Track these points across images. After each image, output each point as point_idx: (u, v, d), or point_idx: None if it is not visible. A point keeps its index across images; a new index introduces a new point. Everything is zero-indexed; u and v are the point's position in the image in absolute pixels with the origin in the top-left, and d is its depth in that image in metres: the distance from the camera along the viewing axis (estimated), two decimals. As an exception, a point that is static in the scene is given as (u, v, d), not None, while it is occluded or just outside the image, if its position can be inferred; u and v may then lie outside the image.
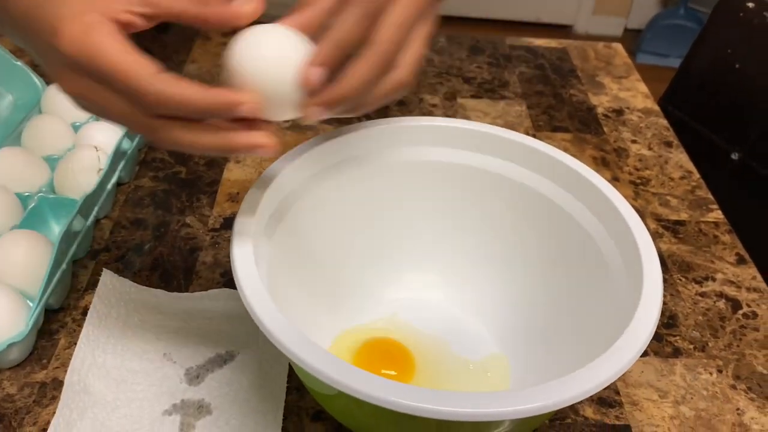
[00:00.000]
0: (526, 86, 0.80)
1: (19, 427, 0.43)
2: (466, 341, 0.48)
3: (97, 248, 0.55)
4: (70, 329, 0.49)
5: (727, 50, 0.82)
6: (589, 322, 0.41)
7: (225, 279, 0.53)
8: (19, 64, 0.64)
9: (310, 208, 0.45)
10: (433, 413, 0.30)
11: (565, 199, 0.44)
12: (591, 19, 2.79)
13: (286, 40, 0.33)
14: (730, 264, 0.59)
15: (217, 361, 0.47)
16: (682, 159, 0.71)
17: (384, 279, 0.51)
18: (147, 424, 0.43)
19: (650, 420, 0.46)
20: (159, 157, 0.65)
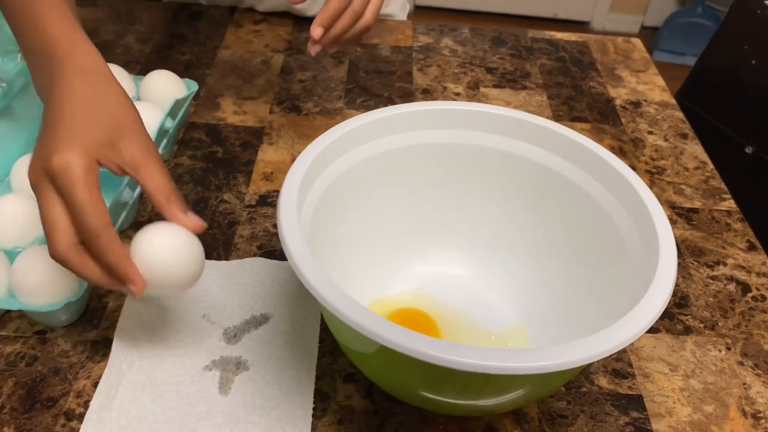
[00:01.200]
0: (547, 77, 0.82)
1: (74, 380, 0.46)
2: (488, 313, 0.51)
3: (141, 220, 0.59)
4: (117, 294, 0.52)
5: (744, 47, 0.84)
6: (605, 295, 0.44)
7: (261, 251, 0.56)
8: (65, 45, 0.67)
9: (346, 186, 0.48)
10: (468, 366, 0.33)
11: (584, 180, 0.47)
12: (608, 16, 2.80)
13: (170, 244, 0.42)
14: (741, 250, 0.61)
15: (253, 323, 0.50)
16: (697, 150, 0.73)
17: (411, 254, 0.54)
18: (189, 377, 0.46)
19: (661, 391, 0.49)
20: (197, 137, 0.68)
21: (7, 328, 0.49)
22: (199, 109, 0.72)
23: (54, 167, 0.39)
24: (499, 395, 0.41)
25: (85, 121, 0.41)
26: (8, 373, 0.46)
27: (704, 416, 0.48)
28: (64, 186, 0.39)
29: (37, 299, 0.47)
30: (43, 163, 0.39)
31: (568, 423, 0.46)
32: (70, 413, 0.44)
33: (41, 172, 0.40)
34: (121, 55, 0.78)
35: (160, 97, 0.65)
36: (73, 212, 0.39)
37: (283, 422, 0.44)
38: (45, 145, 0.40)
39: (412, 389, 0.43)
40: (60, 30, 0.45)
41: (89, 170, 0.40)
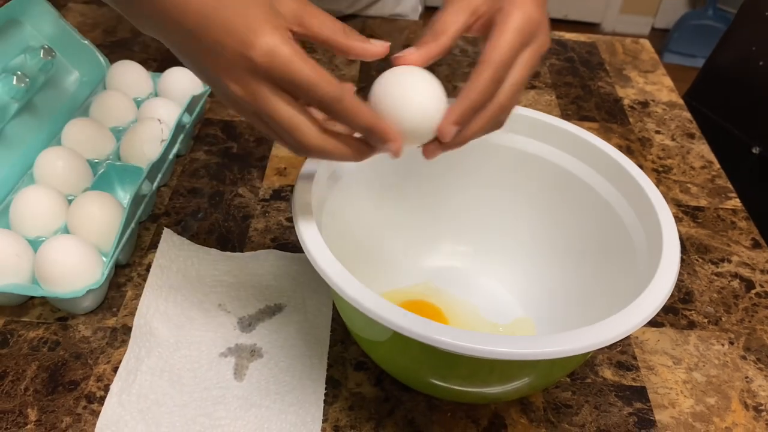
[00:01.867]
0: (556, 77, 0.83)
1: (95, 365, 0.48)
2: (495, 306, 0.53)
3: (158, 212, 0.60)
4: (136, 282, 0.54)
5: (752, 48, 0.85)
6: (611, 288, 0.45)
7: (275, 244, 0.58)
8: (86, 42, 0.69)
9: (357, 181, 0.50)
10: (477, 351, 0.34)
11: (590, 176, 0.49)
12: (618, 17, 2.80)
13: (425, 85, 0.39)
14: (745, 248, 0.62)
15: (267, 312, 0.52)
16: (703, 150, 0.74)
17: (421, 248, 0.55)
18: (205, 363, 0.48)
19: (664, 383, 0.50)
20: (212, 133, 0.70)
21: (30, 315, 0.51)
22: (214, 106, 0.74)
23: (259, 59, 0.33)
24: (505, 383, 0.42)
25: (240, 3, 0.34)
26: (32, 357, 0.48)
27: (706, 408, 0.49)
28: (281, 70, 0.34)
29: (60, 287, 0.49)
30: (240, 66, 0.34)
31: (573, 412, 0.48)
32: (91, 396, 0.46)
33: (246, 77, 0.34)
34: (139, 52, 0.80)
35: (178, 94, 0.67)
36: (302, 92, 0.35)
37: (296, 407, 0.45)
38: (224, 50, 0.34)
39: (421, 376, 0.44)
40: None
41: (290, 43, 0.34)
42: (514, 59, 0.39)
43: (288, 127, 0.36)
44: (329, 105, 0.35)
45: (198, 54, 0.36)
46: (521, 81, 0.40)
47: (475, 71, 0.38)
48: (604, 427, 0.47)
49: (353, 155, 0.38)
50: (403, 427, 0.46)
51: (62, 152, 0.57)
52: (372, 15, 0.92)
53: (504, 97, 0.40)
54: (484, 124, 0.40)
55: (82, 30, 0.71)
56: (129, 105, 0.66)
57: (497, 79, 0.39)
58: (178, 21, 0.35)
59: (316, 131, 0.36)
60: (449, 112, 0.39)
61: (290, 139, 0.37)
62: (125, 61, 0.69)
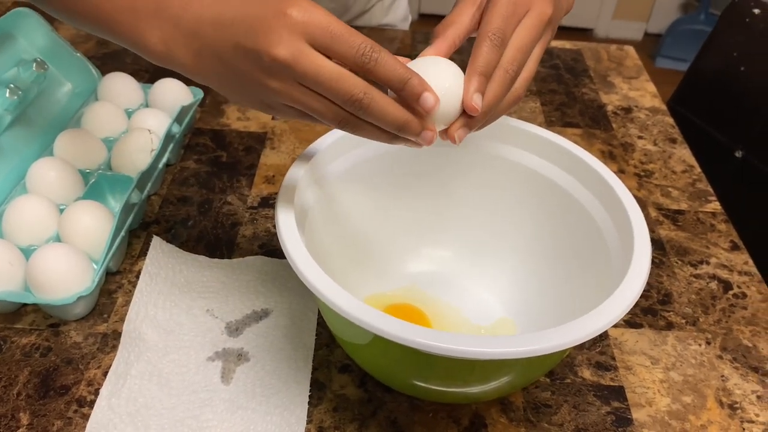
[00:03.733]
0: (541, 85, 0.85)
1: (86, 369, 0.49)
2: (477, 308, 0.54)
3: (148, 221, 0.62)
4: (126, 290, 0.55)
5: (734, 54, 0.87)
6: (586, 289, 0.46)
7: (263, 250, 0.59)
8: (78, 55, 0.70)
9: (342, 187, 0.51)
10: (458, 352, 0.35)
11: (567, 182, 0.50)
12: (611, 23, 2.83)
13: (450, 70, 0.40)
14: (724, 250, 0.64)
15: (254, 317, 0.53)
16: (684, 154, 0.75)
17: (404, 253, 0.57)
18: (193, 367, 0.49)
19: (642, 383, 0.51)
20: (202, 142, 0.71)
21: (23, 321, 0.52)
22: (204, 116, 0.75)
23: (297, 15, 0.35)
24: (484, 382, 0.43)
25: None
26: (24, 363, 0.49)
27: (682, 406, 0.50)
28: (317, 22, 0.35)
29: (51, 294, 0.50)
30: (281, 24, 0.35)
31: (552, 412, 0.49)
32: (81, 400, 0.47)
33: (287, 34, 0.35)
34: (131, 64, 0.82)
35: (168, 104, 0.68)
36: (339, 43, 0.36)
37: (282, 409, 0.47)
38: (266, 12, 0.36)
39: (402, 378, 0.46)
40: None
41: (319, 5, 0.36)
42: (510, 27, 0.41)
43: (334, 76, 0.36)
44: (368, 54, 0.36)
45: (238, 35, 0.37)
46: (524, 45, 0.41)
47: (474, 45, 0.40)
48: (583, 425, 0.48)
49: (394, 118, 0.38)
50: (386, 427, 0.47)
51: (54, 162, 0.59)
52: (361, 25, 0.93)
53: (508, 62, 0.41)
54: (498, 91, 0.41)
55: (75, 42, 0.73)
56: (120, 116, 0.67)
57: (496, 45, 0.40)
58: (220, 11, 0.38)
59: (360, 79, 0.36)
60: (466, 84, 0.40)
61: (336, 92, 0.36)
62: (117, 73, 0.71)
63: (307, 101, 0.37)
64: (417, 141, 0.39)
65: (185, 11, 0.39)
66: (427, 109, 0.38)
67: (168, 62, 0.41)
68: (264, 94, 0.38)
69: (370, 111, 0.37)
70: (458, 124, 0.41)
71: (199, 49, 0.39)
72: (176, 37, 0.39)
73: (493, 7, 0.41)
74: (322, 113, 0.38)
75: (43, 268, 0.50)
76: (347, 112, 0.37)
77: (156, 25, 0.40)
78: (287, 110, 0.39)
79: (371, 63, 0.36)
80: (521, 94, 0.43)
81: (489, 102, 0.40)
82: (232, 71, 0.38)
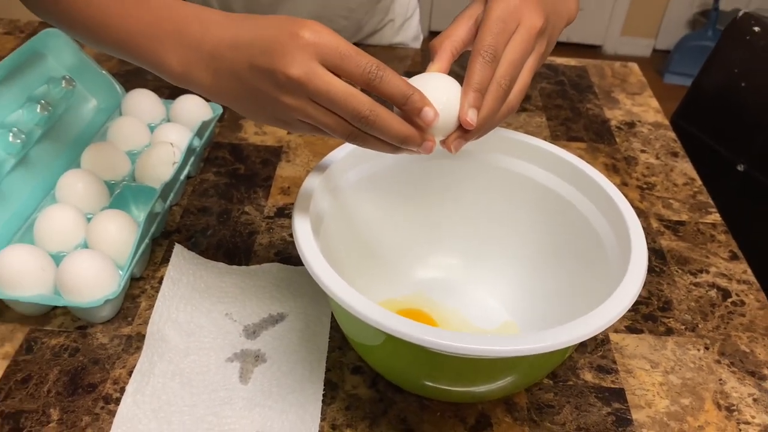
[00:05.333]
0: (547, 100, 0.88)
1: (112, 369, 0.52)
2: (483, 313, 0.56)
3: (170, 230, 0.65)
4: (149, 294, 0.58)
5: (734, 70, 0.89)
6: (586, 292, 0.49)
7: (278, 257, 0.62)
8: (103, 72, 0.74)
9: (354, 198, 0.54)
10: (465, 350, 0.38)
11: (568, 191, 0.53)
12: (620, 39, 2.86)
13: (449, 86, 0.43)
14: (723, 259, 0.66)
15: (270, 321, 0.56)
16: (686, 167, 0.78)
17: (413, 260, 0.59)
18: (213, 367, 0.52)
19: (641, 385, 0.53)
20: (221, 156, 0.75)
21: (53, 324, 0.55)
22: (223, 130, 0.78)
23: (309, 36, 0.38)
24: (489, 381, 0.46)
25: (263, 16, 0.41)
26: (54, 363, 0.52)
27: (681, 408, 0.52)
28: (327, 43, 0.39)
29: (80, 297, 0.53)
30: (294, 45, 0.38)
31: (555, 412, 0.51)
32: (108, 397, 0.50)
33: (300, 55, 0.38)
34: (153, 81, 0.85)
35: (188, 119, 0.71)
36: (347, 62, 0.39)
37: (297, 407, 0.49)
38: (280, 36, 0.39)
39: (412, 377, 0.48)
40: None
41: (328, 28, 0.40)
42: (501, 43, 0.44)
43: (344, 94, 0.39)
44: (374, 72, 0.39)
45: (254, 55, 0.40)
46: (516, 59, 0.44)
47: (468, 62, 0.44)
48: (584, 425, 0.50)
49: (397, 132, 0.41)
50: (396, 425, 0.49)
51: (82, 174, 0.62)
52: (373, 44, 0.96)
53: (501, 76, 0.43)
54: (492, 105, 0.43)
55: (99, 60, 0.77)
56: (143, 130, 0.70)
57: (488, 60, 0.43)
58: (237, 34, 0.41)
59: (368, 97, 0.40)
60: (462, 100, 0.43)
61: (345, 109, 0.39)
62: (140, 89, 0.74)
63: (318, 117, 0.40)
64: (418, 151, 0.43)
65: (204, 35, 0.42)
66: (427, 123, 0.41)
67: (187, 83, 0.44)
68: (279, 111, 0.41)
69: (376, 126, 0.40)
70: (455, 136, 0.44)
71: (217, 70, 0.42)
72: (195, 60, 0.43)
73: (484, 24, 0.44)
74: (333, 128, 0.41)
75: (72, 273, 0.53)
76: (355, 127, 0.41)
77: (175, 49, 0.43)
78: (301, 125, 0.42)
79: (376, 81, 0.39)
80: (515, 105, 0.46)
81: (484, 115, 0.43)
82: (248, 90, 0.41)
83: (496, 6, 0.44)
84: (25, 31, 0.95)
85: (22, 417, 0.48)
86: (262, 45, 0.40)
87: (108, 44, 0.46)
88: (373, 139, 0.42)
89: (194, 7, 0.44)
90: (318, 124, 0.41)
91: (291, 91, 0.40)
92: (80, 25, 0.47)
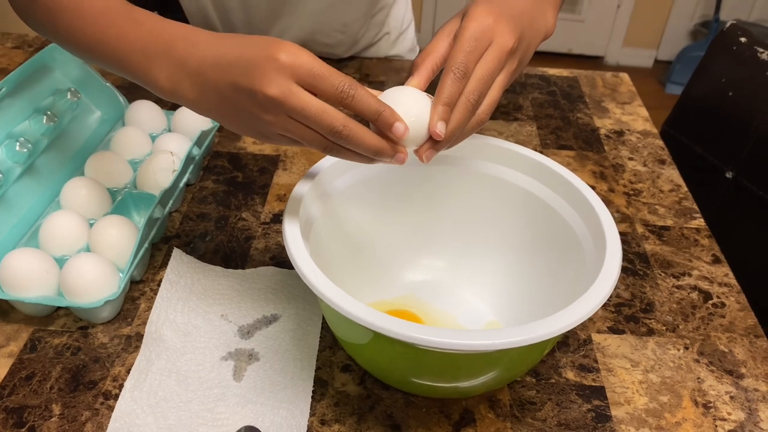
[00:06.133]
0: (538, 110, 0.90)
1: (111, 367, 0.54)
2: (469, 313, 0.58)
3: (169, 235, 0.67)
4: (149, 296, 0.60)
5: (722, 79, 0.92)
6: (565, 291, 0.51)
7: (273, 261, 0.64)
8: (107, 85, 0.77)
9: (344, 203, 0.56)
10: (446, 345, 0.40)
11: (548, 195, 0.55)
12: (622, 50, 2.88)
13: (420, 100, 0.46)
14: (706, 263, 0.68)
15: (264, 321, 0.58)
16: (673, 174, 0.80)
17: (401, 263, 0.61)
18: (208, 366, 0.54)
19: (622, 383, 0.55)
20: (220, 164, 0.77)
21: (56, 324, 0.58)
22: (222, 140, 0.81)
23: (285, 58, 0.41)
24: (472, 377, 0.48)
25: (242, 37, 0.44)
26: (56, 361, 0.54)
27: (659, 405, 0.54)
28: (302, 63, 0.41)
29: (82, 298, 0.55)
30: (271, 67, 0.41)
31: (537, 408, 0.53)
32: (107, 393, 0.52)
33: (277, 76, 0.41)
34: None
35: (188, 129, 0.74)
36: (322, 81, 0.42)
37: (287, 403, 0.51)
38: (257, 58, 0.42)
39: (398, 374, 0.50)
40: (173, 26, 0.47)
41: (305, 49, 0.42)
42: (472, 61, 0.46)
43: (318, 111, 0.42)
44: (346, 91, 0.42)
45: (235, 75, 0.43)
46: (485, 76, 0.46)
47: (440, 77, 0.46)
48: (564, 421, 0.52)
49: (369, 146, 0.43)
50: (382, 421, 0.51)
51: (85, 182, 0.65)
52: (369, 56, 0.99)
53: (470, 92, 0.46)
54: (460, 118, 0.46)
55: (104, 73, 0.80)
56: (145, 139, 0.73)
57: (458, 77, 0.45)
58: (220, 53, 0.44)
59: (341, 114, 0.42)
60: (432, 113, 0.45)
61: (320, 125, 0.42)
62: (142, 101, 0.77)
63: (296, 131, 0.43)
64: (391, 161, 0.45)
65: (189, 54, 0.45)
66: (398, 137, 0.44)
67: (174, 97, 0.47)
68: (259, 126, 0.44)
69: (349, 140, 0.43)
70: (426, 146, 0.46)
71: (202, 87, 0.45)
72: (182, 76, 0.46)
73: (458, 42, 0.46)
74: (310, 141, 0.44)
75: (75, 275, 0.55)
76: (330, 140, 0.44)
77: (164, 66, 0.46)
78: (280, 138, 0.45)
79: (348, 99, 0.42)
80: (484, 119, 0.48)
81: (453, 127, 0.46)
82: (231, 106, 0.44)
83: (469, 25, 0.46)
84: (33, 46, 0.99)
85: (26, 412, 0.50)
86: (242, 66, 0.42)
87: (103, 60, 0.50)
88: (347, 151, 0.45)
89: (183, 27, 0.47)
90: (296, 138, 0.44)
91: (270, 109, 0.42)
92: (76, 43, 0.50)
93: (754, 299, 0.64)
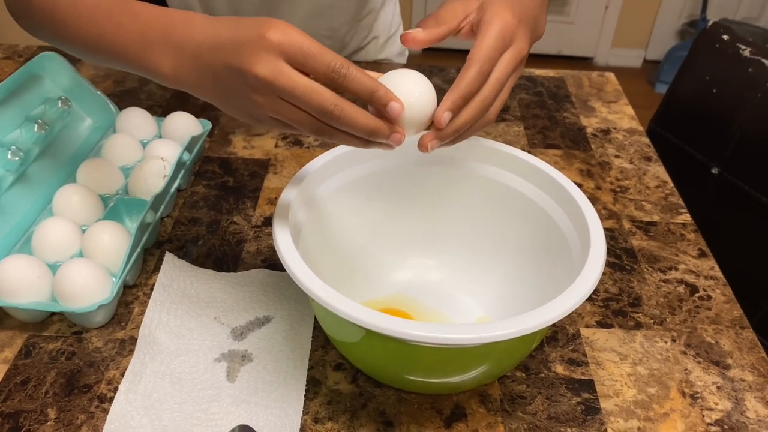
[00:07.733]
0: (525, 110, 0.91)
1: (106, 370, 0.55)
2: (459, 310, 0.59)
3: (162, 240, 0.68)
4: (142, 301, 0.61)
5: (706, 77, 0.93)
6: (552, 286, 0.51)
7: (265, 264, 0.65)
8: (98, 93, 0.77)
9: (334, 204, 0.57)
10: (436, 339, 0.40)
11: (536, 194, 0.56)
12: (611, 51, 2.90)
13: (421, 83, 0.46)
14: (692, 257, 0.69)
15: (257, 323, 0.58)
16: (659, 171, 0.81)
17: (391, 263, 0.62)
18: (202, 367, 0.55)
19: (610, 376, 0.56)
20: (211, 169, 0.78)
21: (50, 330, 0.58)
22: (213, 145, 0.82)
23: (274, 37, 0.40)
24: (462, 371, 0.48)
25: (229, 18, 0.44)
26: (51, 366, 0.55)
27: (647, 396, 0.55)
28: (292, 42, 0.40)
29: (75, 303, 0.56)
30: (261, 46, 0.40)
31: (527, 402, 0.54)
32: (102, 397, 0.53)
33: (267, 55, 0.40)
34: (145, 100, 0.89)
35: (179, 135, 0.75)
36: (313, 60, 0.41)
37: (281, 402, 0.52)
38: (248, 38, 0.41)
39: (390, 371, 0.51)
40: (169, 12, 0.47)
41: (296, 28, 0.41)
42: (495, 59, 0.46)
43: (308, 90, 0.41)
44: (338, 70, 0.41)
45: (228, 56, 0.42)
46: (502, 78, 0.47)
47: (463, 68, 0.46)
48: (554, 414, 0.53)
49: (363, 125, 0.43)
50: (375, 417, 0.52)
51: (77, 188, 0.65)
52: (358, 60, 1.00)
53: (488, 90, 0.46)
54: (473, 114, 0.45)
55: (94, 81, 0.80)
56: (136, 146, 0.74)
57: (482, 73, 0.45)
58: (215, 34, 0.43)
59: (332, 93, 0.41)
60: (443, 101, 0.44)
61: (310, 105, 0.41)
62: (133, 108, 0.78)
63: (286, 113, 0.43)
64: (388, 143, 0.45)
65: (187, 37, 0.45)
66: (393, 116, 0.43)
67: (177, 84, 0.47)
68: (251, 108, 0.44)
69: (342, 120, 0.42)
70: (431, 136, 0.46)
71: (201, 70, 0.45)
72: (182, 61, 0.45)
73: (486, 34, 0.46)
74: (301, 123, 0.43)
75: (68, 280, 0.56)
76: (322, 122, 0.43)
77: (164, 52, 0.46)
78: (271, 121, 0.44)
79: (341, 78, 0.41)
80: (492, 120, 0.49)
81: (462, 122, 0.46)
82: (225, 88, 0.44)
83: (496, 20, 0.46)
84: (23, 56, 0.99)
85: (21, 416, 0.51)
86: (234, 46, 0.42)
87: (103, 55, 0.49)
88: (341, 133, 0.44)
89: (180, 12, 0.47)
90: (287, 120, 0.43)
91: (259, 90, 0.42)
92: (75, 40, 0.50)
93: (740, 292, 0.65)
